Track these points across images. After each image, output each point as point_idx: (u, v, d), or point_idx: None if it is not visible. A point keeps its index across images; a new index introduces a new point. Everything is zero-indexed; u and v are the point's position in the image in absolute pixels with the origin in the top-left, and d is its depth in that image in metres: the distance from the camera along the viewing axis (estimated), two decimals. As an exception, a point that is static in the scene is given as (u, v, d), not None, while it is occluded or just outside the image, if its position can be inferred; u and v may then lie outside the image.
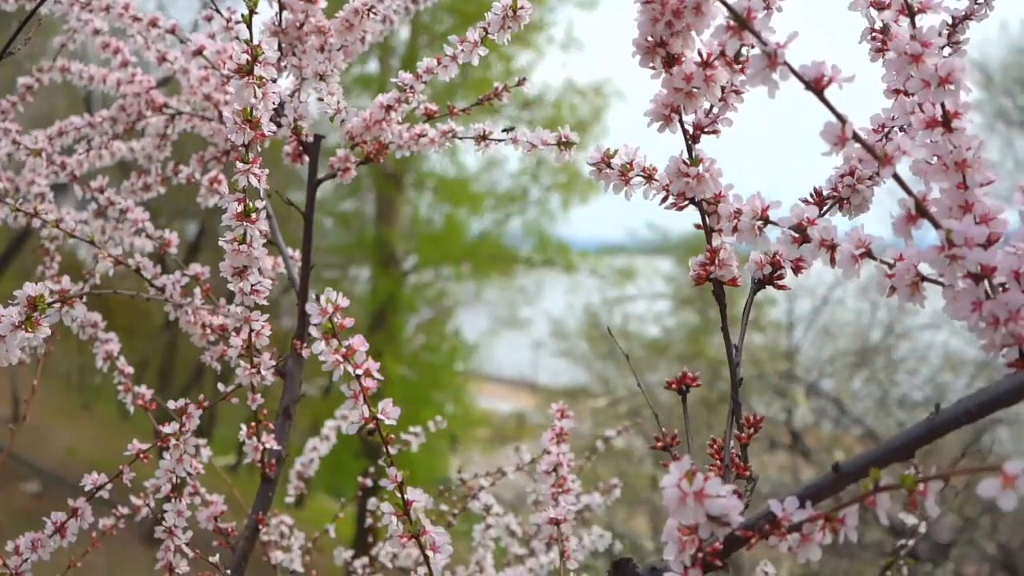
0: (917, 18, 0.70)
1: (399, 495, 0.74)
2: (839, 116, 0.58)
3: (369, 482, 1.65)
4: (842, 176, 0.80)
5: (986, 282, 0.61)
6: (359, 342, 0.72)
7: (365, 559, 1.47)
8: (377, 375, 0.72)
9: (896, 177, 0.59)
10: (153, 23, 1.17)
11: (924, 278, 0.63)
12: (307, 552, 1.47)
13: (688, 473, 0.58)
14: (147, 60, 1.32)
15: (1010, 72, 9.29)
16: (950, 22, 0.85)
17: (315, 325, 0.71)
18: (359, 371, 0.72)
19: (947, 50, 0.84)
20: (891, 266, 0.64)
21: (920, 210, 0.59)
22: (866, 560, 6.10)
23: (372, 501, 1.38)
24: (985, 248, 0.59)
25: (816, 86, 0.58)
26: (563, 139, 0.97)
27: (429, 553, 0.74)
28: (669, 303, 10.54)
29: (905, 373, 6.79)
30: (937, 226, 0.59)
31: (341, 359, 0.71)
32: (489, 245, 11.59)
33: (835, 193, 0.80)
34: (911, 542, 1.23)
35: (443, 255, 11.44)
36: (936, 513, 0.51)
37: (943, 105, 0.62)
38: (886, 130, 0.81)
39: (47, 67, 1.36)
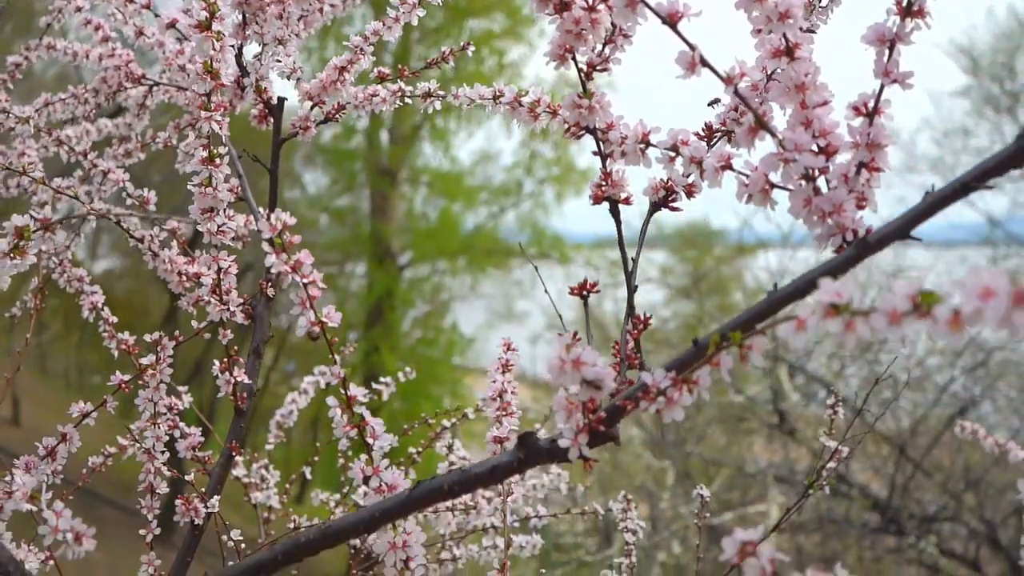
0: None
1: (343, 391, 0.85)
2: (690, 45, 0.69)
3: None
4: (729, 111, 0.91)
5: (824, 184, 0.72)
6: (305, 256, 0.83)
7: (338, 495, 1.58)
8: (322, 285, 0.83)
9: (738, 94, 0.70)
10: (129, -1, 1.28)
11: (773, 185, 0.74)
12: (284, 492, 1.59)
13: (567, 345, 0.69)
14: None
15: (997, 58, 9.38)
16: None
17: (266, 240, 0.82)
18: (306, 280, 0.83)
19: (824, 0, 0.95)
20: (747, 177, 0.75)
21: (759, 123, 0.70)
22: (852, 539, 6.22)
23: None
24: (817, 155, 0.70)
25: (671, 20, 0.69)
26: (497, 93, 1.08)
27: (369, 440, 0.85)
28: (663, 294, 10.68)
29: (887, 354, 6.94)
30: (773, 135, 0.70)
31: (290, 270, 0.82)
32: (484, 239, 11.70)
33: (723, 127, 0.91)
34: (832, 464, 1.34)
35: (439, 249, 11.54)
36: (760, 364, 0.62)
37: (785, 37, 0.73)
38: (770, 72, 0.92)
39: (34, 45, 1.47)
